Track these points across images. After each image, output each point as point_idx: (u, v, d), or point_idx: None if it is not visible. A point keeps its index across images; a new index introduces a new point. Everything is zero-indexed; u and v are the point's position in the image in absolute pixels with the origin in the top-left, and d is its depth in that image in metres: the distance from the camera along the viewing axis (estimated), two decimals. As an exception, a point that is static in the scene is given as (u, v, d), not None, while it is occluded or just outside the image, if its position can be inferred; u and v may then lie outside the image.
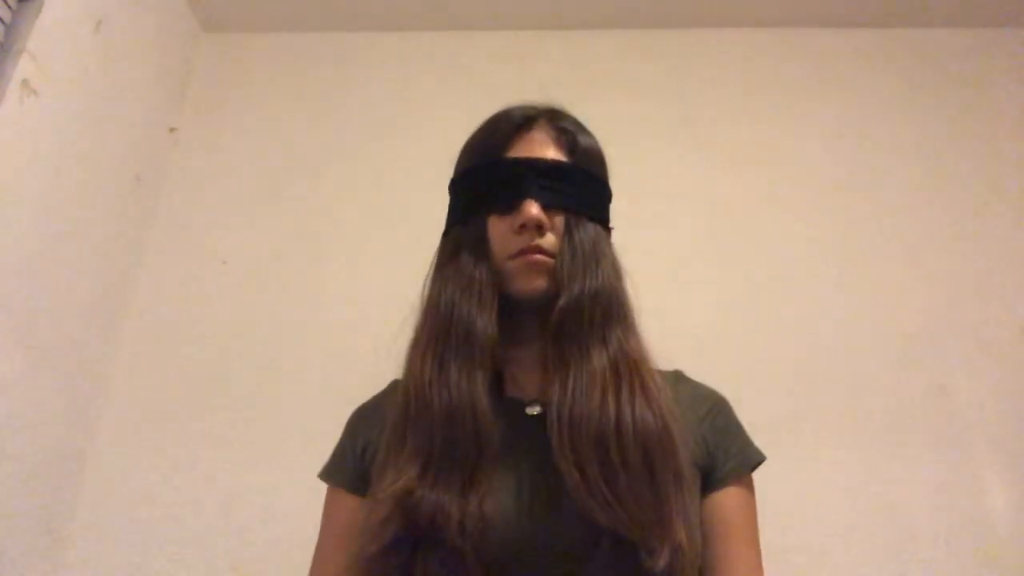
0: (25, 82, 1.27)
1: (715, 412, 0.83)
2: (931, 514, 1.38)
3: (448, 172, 0.88)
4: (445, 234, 0.87)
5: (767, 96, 1.78)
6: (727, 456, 0.80)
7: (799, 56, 1.82)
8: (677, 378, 0.86)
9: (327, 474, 0.87)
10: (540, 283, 0.78)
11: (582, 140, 0.85)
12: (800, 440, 1.43)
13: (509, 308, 0.79)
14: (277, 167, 1.75)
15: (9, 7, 1.28)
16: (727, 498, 0.78)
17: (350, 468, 0.84)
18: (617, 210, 0.88)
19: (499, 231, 0.80)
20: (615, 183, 0.88)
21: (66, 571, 1.37)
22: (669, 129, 1.75)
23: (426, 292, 0.84)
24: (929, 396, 1.47)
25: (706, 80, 1.80)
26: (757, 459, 0.82)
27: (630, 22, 1.84)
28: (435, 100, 1.80)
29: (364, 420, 0.88)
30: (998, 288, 1.56)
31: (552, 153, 0.82)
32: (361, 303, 1.58)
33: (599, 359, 0.75)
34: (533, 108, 0.87)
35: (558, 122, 0.86)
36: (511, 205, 0.80)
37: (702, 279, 1.59)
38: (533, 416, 0.77)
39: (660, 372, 0.80)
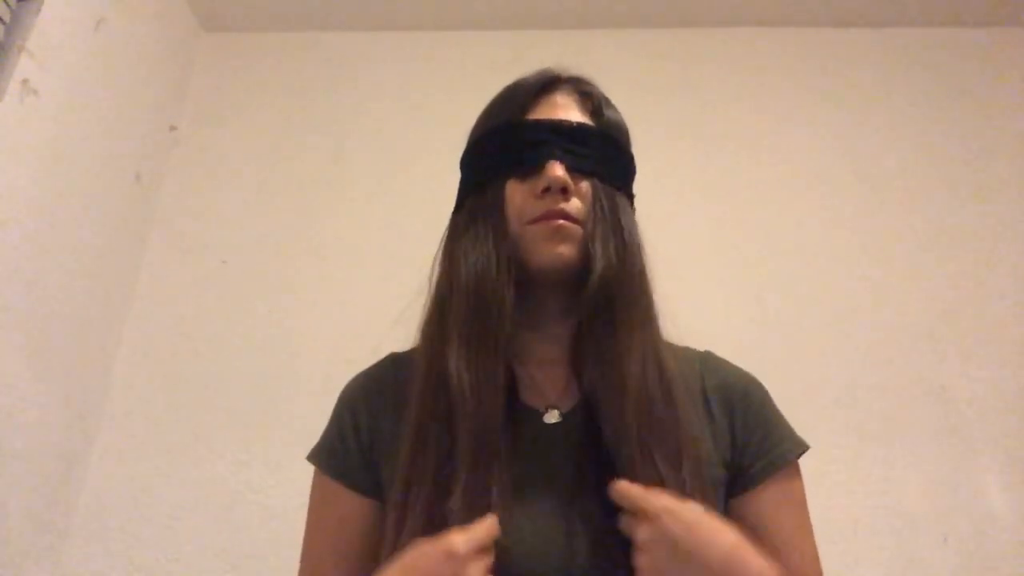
0: (25, 81, 1.27)
1: (746, 403, 0.74)
2: (931, 513, 1.38)
3: (449, 169, 0.87)
4: (456, 209, 0.79)
5: (771, 94, 1.78)
6: (757, 453, 0.71)
7: (803, 54, 1.82)
8: (706, 360, 0.78)
9: (320, 459, 0.76)
10: (565, 250, 0.69)
11: (607, 108, 0.79)
12: (800, 440, 1.43)
13: (525, 290, 0.70)
14: (277, 167, 1.75)
15: (9, 6, 1.27)
16: (761, 500, 0.69)
17: (354, 458, 0.73)
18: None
19: (519, 195, 0.72)
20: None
21: (66, 571, 1.37)
22: (672, 128, 1.75)
23: (435, 270, 0.76)
24: (929, 395, 1.47)
25: (709, 79, 1.80)
26: (791, 456, 0.71)
27: (631, 22, 1.84)
28: (435, 99, 1.79)
29: (364, 401, 0.77)
30: (999, 287, 1.56)
31: (576, 116, 0.75)
32: (361, 302, 1.57)
33: (638, 349, 0.67)
34: (554, 72, 0.80)
35: (582, 87, 0.80)
36: (533, 168, 0.71)
37: (704, 277, 1.58)
38: (550, 425, 0.69)
39: (689, 350, 0.75)
